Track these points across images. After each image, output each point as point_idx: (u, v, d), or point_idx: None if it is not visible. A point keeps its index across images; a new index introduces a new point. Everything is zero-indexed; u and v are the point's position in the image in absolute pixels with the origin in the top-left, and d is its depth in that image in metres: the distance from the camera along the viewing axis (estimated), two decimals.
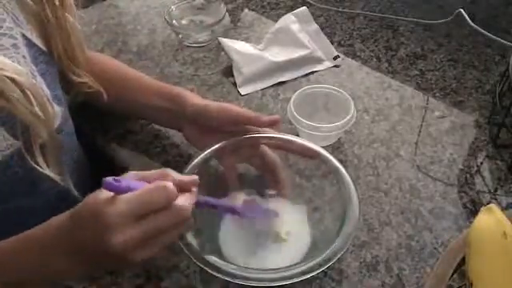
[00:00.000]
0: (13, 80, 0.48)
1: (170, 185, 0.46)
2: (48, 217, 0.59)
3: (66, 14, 0.61)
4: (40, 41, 0.59)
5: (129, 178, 0.47)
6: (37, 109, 0.50)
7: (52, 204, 0.61)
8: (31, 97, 0.50)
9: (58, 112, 0.59)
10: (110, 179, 0.45)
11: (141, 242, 0.45)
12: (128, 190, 0.46)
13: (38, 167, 0.52)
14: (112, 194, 0.45)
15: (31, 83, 0.51)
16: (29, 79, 0.51)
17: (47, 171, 0.53)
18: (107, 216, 0.44)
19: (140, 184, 0.47)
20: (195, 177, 0.51)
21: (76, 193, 0.59)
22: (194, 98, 0.66)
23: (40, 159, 0.52)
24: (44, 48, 0.60)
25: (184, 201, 0.47)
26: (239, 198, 0.61)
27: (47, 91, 0.57)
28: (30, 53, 0.57)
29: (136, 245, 0.45)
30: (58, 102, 0.60)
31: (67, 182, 0.57)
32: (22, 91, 0.49)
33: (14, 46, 0.54)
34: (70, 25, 0.62)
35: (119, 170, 0.73)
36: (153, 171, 0.50)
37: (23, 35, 0.56)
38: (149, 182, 0.47)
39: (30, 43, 0.57)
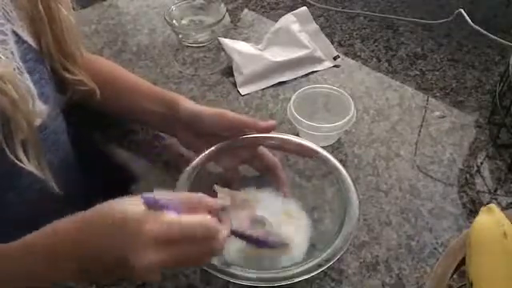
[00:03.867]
0: None
1: (214, 226, 0.46)
2: (30, 212, 0.58)
3: (59, 6, 0.60)
4: (31, 38, 0.59)
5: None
6: (17, 101, 0.50)
7: (34, 200, 0.61)
8: (12, 89, 0.49)
9: (42, 110, 0.58)
10: (149, 195, 0.44)
11: (167, 265, 0.45)
12: (165, 209, 0.45)
13: (19, 162, 0.52)
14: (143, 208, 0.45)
15: (14, 76, 0.51)
16: (12, 72, 0.51)
17: (27, 166, 0.52)
18: (147, 229, 0.43)
19: (178, 205, 0.46)
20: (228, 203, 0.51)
21: (57, 190, 0.58)
22: (188, 104, 0.66)
23: (21, 154, 0.52)
24: (35, 46, 0.60)
25: (222, 239, 0.47)
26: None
27: (33, 89, 0.57)
28: (20, 50, 0.56)
29: (162, 267, 0.45)
30: (45, 100, 0.59)
31: (49, 178, 0.57)
32: (4, 82, 0.48)
33: (3, 42, 0.54)
34: (64, 18, 0.61)
35: (119, 169, 0.73)
36: (192, 194, 0.50)
37: (14, 32, 0.56)
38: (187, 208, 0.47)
39: (20, 40, 0.57)
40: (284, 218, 0.60)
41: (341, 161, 0.62)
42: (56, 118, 0.65)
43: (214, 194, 0.56)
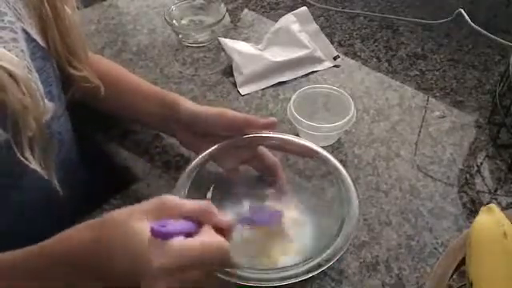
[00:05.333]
0: (9, 71, 0.48)
1: (227, 251, 0.46)
2: (32, 212, 0.58)
3: (65, 6, 0.61)
4: (39, 36, 0.59)
5: (167, 217, 0.45)
6: (28, 100, 0.50)
7: (36, 200, 0.61)
8: (24, 88, 0.49)
9: (48, 107, 0.59)
10: (157, 227, 0.43)
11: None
12: (174, 234, 0.44)
13: (25, 160, 0.52)
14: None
15: (26, 76, 0.51)
16: (24, 72, 0.51)
17: (33, 165, 0.52)
18: (156, 263, 0.42)
19: (186, 225, 0.45)
20: (233, 222, 0.50)
21: (59, 189, 0.58)
22: (189, 104, 0.66)
23: (27, 153, 0.52)
24: (43, 44, 0.60)
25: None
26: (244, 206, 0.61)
27: (41, 86, 0.57)
28: (29, 47, 0.57)
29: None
30: (51, 98, 0.60)
31: (52, 177, 0.57)
32: (16, 82, 0.49)
33: (14, 39, 0.54)
34: (68, 16, 0.61)
35: (119, 169, 0.73)
36: (195, 205, 0.48)
37: (24, 30, 0.56)
38: (194, 222, 0.46)
39: (29, 38, 0.57)
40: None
41: (341, 161, 0.62)
42: (60, 117, 0.65)
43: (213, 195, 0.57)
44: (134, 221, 0.44)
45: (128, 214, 0.45)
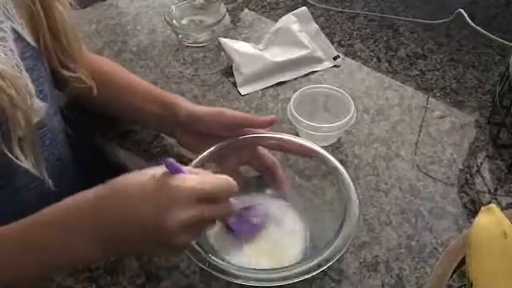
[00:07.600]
0: None
1: (234, 182, 0.50)
2: (25, 213, 0.59)
3: (57, 4, 0.61)
4: (30, 36, 0.59)
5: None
6: (17, 98, 0.50)
7: (29, 200, 0.61)
8: (12, 87, 0.50)
9: (40, 107, 0.58)
10: (171, 159, 0.46)
11: (193, 225, 0.47)
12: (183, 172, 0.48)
13: (15, 159, 0.52)
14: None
15: (14, 74, 0.51)
16: (11, 69, 0.51)
17: (24, 164, 0.52)
18: (176, 190, 0.45)
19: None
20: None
21: (52, 188, 0.58)
22: (188, 105, 0.67)
23: (18, 152, 0.52)
24: (34, 43, 0.60)
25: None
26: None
27: (31, 86, 0.57)
28: (18, 47, 0.57)
29: (188, 227, 0.46)
30: (43, 97, 0.60)
31: (44, 176, 0.57)
32: (4, 80, 0.49)
33: (2, 39, 0.54)
34: (61, 16, 0.61)
35: (119, 169, 0.73)
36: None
37: (13, 29, 0.56)
38: None
39: (19, 38, 0.57)
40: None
41: (341, 161, 0.62)
42: (53, 117, 0.65)
43: None
44: (144, 172, 0.48)
45: (133, 173, 0.49)
